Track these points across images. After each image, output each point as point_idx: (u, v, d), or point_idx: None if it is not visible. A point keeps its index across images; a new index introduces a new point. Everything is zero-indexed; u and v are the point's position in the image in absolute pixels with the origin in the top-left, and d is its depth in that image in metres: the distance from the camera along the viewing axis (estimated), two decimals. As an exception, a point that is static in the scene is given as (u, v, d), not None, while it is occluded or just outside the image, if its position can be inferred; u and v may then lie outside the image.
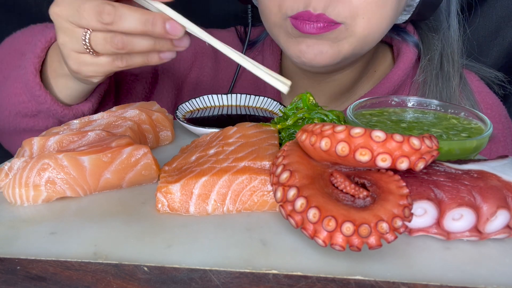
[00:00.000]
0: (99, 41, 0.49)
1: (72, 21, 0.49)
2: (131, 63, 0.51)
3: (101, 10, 0.46)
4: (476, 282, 0.33)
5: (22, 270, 0.36)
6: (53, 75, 0.62)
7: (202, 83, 0.87)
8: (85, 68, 0.52)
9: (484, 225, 0.37)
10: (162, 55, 0.51)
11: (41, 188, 0.43)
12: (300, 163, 0.39)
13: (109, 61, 0.51)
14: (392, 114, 0.56)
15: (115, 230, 0.39)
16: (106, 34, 0.48)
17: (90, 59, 0.51)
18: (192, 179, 0.42)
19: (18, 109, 0.63)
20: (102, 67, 0.52)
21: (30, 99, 0.62)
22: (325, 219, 0.33)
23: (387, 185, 0.36)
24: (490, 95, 0.81)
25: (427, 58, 0.76)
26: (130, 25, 0.47)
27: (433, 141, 0.36)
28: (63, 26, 0.50)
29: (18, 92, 0.63)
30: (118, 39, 0.48)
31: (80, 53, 0.51)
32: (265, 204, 0.42)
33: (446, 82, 0.75)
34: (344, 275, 0.33)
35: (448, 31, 0.77)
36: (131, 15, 0.47)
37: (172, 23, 0.48)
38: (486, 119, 0.51)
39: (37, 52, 0.60)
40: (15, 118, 0.65)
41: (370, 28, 0.64)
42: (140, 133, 0.54)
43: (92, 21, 0.47)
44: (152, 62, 0.52)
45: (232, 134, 0.50)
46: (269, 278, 0.34)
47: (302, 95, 0.54)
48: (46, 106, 0.61)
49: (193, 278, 0.34)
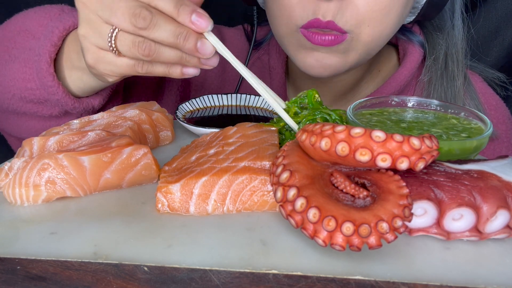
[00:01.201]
0: (127, 43, 0.47)
1: (101, 15, 0.47)
2: (151, 71, 0.50)
3: (137, 13, 0.44)
4: (476, 282, 0.33)
5: (22, 270, 0.36)
6: (68, 66, 0.59)
7: (208, 84, 0.87)
8: (102, 65, 0.50)
9: (484, 225, 0.37)
10: (185, 70, 0.49)
11: (41, 188, 0.43)
12: (300, 163, 0.39)
13: (130, 64, 0.49)
14: (392, 114, 0.56)
15: (115, 230, 0.39)
16: (135, 37, 0.46)
17: (111, 58, 0.49)
18: (192, 179, 0.42)
19: (24, 94, 0.61)
20: (121, 69, 0.50)
21: (39, 87, 0.60)
22: (325, 219, 0.33)
23: (387, 185, 0.36)
24: (493, 96, 0.81)
25: (432, 58, 0.76)
26: (163, 35, 0.45)
27: (433, 141, 0.36)
28: (89, 17, 0.48)
29: (26, 78, 0.60)
30: (147, 45, 0.46)
31: (101, 49, 0.49)
32: (265, 204, 0.42)
33: (451, 82, 0.75)
34: (344, 275, 0.33)
35: (453, 30, 0.77)
36: (166, 25, 0.45)
37: (204, 42, 0.47)
38: (486, 119, 0.51)
39: (54, 40, 0.58)
40: (19, 101, 0.63)
41: (374, 35, 0.65)
42: (140, 133, 0.55)
43: (124, 21, 0.45)
44: (173, 74, 0.50)
45: (232, 134, 0.50)
46: (269, 278, 0.34)
47: (308, 91, 0.54)
48: (56, 97, 0.59)
49: (193, 278, 0.34)
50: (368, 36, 0.64)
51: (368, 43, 0.66)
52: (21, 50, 0.63)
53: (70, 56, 0.59)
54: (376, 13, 0.62)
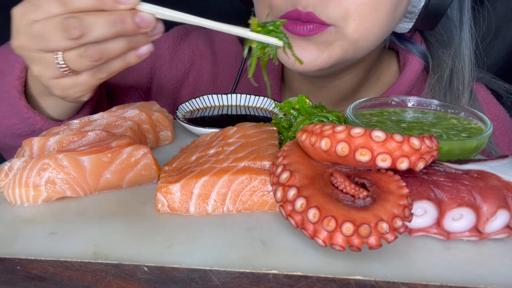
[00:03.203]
0: (74, 59, 0.46)
1: (40, 48, 0.46)
2: (112, 70, 0.49)
3: (65, 26, 0.43)
4: (476, 282, 0.33)
5: (22, 270, 0.36)
6: (40, 95, 0.60)
7: (200, 86, 0.87)
8: (70, 90, 0.51)
9: (484, 225, 0.37)
10: (138, 52, 0.49)
11: (41, 188, 0.43)
12: (300, 163, 0.39)
13: (90, 76, 0.49)
14: (392, 114, 0.56)
15: (115, 230, 0.39)
16: (78, 49, 0.46)
17: (71, 81, 0.49)
18: (192, 179, 0.42)
19: (12, 130, 0.62)
20: (86, 84, 0.50)
21: (20, 121, 0.60)
22: (325, 219, 0.33)
23: (387, 185, 0.36)
24: (497, 106, 0.79)
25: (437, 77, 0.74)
26: (100, 31, 0.44)
27: (433, 141, 0.36)
28: (32, 56, 0.48)
29: (6, 115, 0.61)
30: (92, 50, 0.46)
31: (60, 78, 0.49)
32: (265, 204, 0.42)
33: (455, 101, 0.72)
34: (344, 275, 0.33)
35: (460, 46, 0.74)
36: (98, 20, 0.44)
37: (141, 15, 0.45)
38: (486, 119, 0.51)
39: (17, 74, 0.58)
40: (11, 138, 0.64)
41: (361, 32, 0.63)
42: (140, 133, 0.54)
43: (61, 41, 0.45)
44: (131, 62, 0.49)
45: (232, 134, 0.50)
46: (269, 278, 0.34)
47: (299, 96, 0.54)
48: (38, 127, 0.59)
49: (193, 278, 0.34)
50: (356, 32, 0.62)
51: (356, 40, 0.64)
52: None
53: (36, 86, 0.59)
54: (361, 6, 0.60)
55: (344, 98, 0.81)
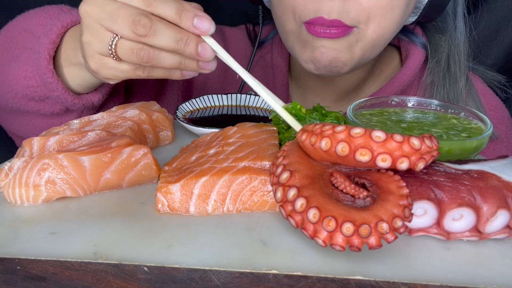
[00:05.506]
0: (125, 50, 0.48)
1: (103, 23, 0.48)
2: (152, 74, 0.51)
3: (137, 20, 0.45)
4: (476, 282, 0.33)
5: (22, 270, 0.36)
6: (66, 63, 0.61)
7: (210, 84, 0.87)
8: (105, 70, 0.52)
9: (484, 225, 0.37)
10: (184, 72, 0.51)
11: (41, 188, 0.43)
12: (300, 163, 0.39)
13: (130, 69, 0.50)
14: (392, 114, 0.56)
15: (115, 230, 0.39)
16: (134, 44, 0.47)
17: (112, 63, 0.50)
18: (192, 179, 0.42)
19: (26, 92, 0.62)
20: (122, 73, 0.51)
21: (40, 84, 0.61)
22: (325, 219, 0.33)
23: (387, 185, 0.36)
24: (493, 97, 0.82)
25: (435, 60, 0.76)
26: (163, 41, 0.46)
27: (433, 141, 0.36)
28: (92, 26, 0.49)
29: (28, 76, 0.61)
30: (145, 52, 0.47)
31: (103, 56, 0.50)
32: (265, 204, 0.42)
33: (453, 84, 0.75)
34: (344, 275, 0.33)
35: (455, 32, 0.77)
36: (166, 31, 0.46)
37: (205, 46, 0.47)
38: (486, 119, 0.51)
39: (52, 38, 0.59)
40: (21, 100, 0.64)
41: (379, 32, 0.65)
42: (140, 133, 0.55)
43: (125, 28, 0.46)
44: (173, 77, 0.51)
45: (232, 134, 0.50)
46: (269, 278, 0.34)
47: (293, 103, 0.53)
48: (56, 94, 0.60)
49: (193, 278, 0.34)
50: (374, 33, 0.65)
51: (374, 40, 0.66)
52: (22, 50, 0.64)
53: (67, 53, 0.60)
54: (380, 9, 0.62)
55: (349, 92, 0.82)
